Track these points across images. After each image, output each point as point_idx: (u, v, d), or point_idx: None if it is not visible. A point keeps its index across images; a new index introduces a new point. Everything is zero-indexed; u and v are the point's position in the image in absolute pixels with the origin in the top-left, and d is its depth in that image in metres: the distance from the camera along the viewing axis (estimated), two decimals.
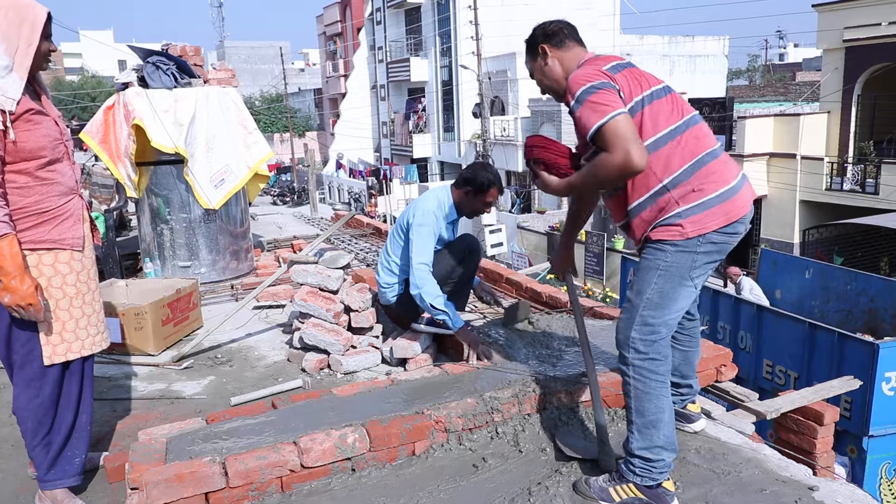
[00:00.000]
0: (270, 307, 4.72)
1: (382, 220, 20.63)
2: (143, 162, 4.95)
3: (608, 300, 14.88)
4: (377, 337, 3.75)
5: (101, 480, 2.57)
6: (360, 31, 38.60)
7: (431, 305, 3.17)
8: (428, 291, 3.17)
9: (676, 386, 2.55)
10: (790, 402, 3.13)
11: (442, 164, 32.45)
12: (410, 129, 33.23)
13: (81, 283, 2.33)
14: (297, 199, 29.73)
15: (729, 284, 10.23)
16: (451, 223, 3.49)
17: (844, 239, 16.76)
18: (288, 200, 29.02)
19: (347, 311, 3.67)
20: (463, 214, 3.52)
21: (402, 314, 3.61)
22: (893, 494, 5.89)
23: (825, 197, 17.35)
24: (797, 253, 16.49)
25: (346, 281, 3.77)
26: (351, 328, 3.68)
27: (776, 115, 19.35)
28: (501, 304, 3.76)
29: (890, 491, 5.87)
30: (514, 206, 23.74)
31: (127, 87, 4.91)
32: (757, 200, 18.38)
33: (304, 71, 58.96)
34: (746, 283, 9.21)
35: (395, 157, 34.18)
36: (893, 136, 17.70)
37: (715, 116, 18.29)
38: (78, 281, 2.32)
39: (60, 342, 2.27)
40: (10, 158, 2.11)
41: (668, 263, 2.11)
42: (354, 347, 3.62)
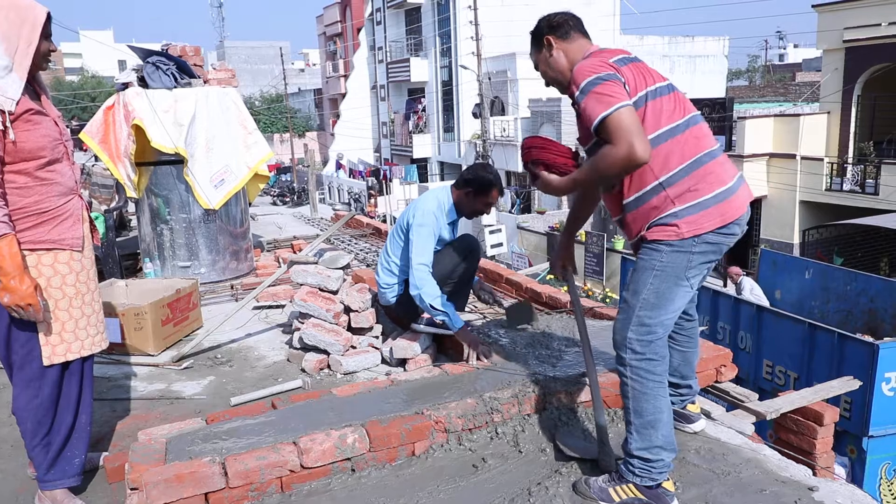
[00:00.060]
0: (270, 307, 4.72)
1: (382, 220, 20.62)
2: (142, 162, 4.95)
3: (608, 300, 14.88)
4: (377, 337, 3.75)
5: (100, 481, 2.57)
6: (360, 31, 38.60)
7: (431, 306, 3.17)
8: (427, 292, 3.17)
9: (676, 386, 2.55)
10: (790, 402, 3.13)
11: (442, 164, 32.45)
12: (410, 129, 33.24)
13: (81, 283, 2.33)
14: (296, 199, 29.72)
15: (729, 284, 10.23)
16: (451, 224, 3.49)
17: (844, 239, 16.77)
18: (288, 201, 29.01)
19: (347, 311, 3.67)
20: (463, 215, 3.52)
21: (401, 314, 3.61)
22: (893, 495, 5.89)
23: (825, 197, 17.35)
24: (797, 253, 16.49)
25: (345, 281, 3.77)
26: (351, 328, 3.68)
27: (776, 115, 19.35)
28: (501, 303, 3.76)
29: (890, 491, 5.87)
30: (513, 206, 23.74)
31: (127, 87, 4.91)
32: (757, 201, 18.40)
33: (304, 71, 58.96)
34: (747, 283, 9.21)
35: (394, 157, 34.18)
36: (893, 136, 17.71)
37: (715, 117, 18.29)
38: (77, 281, 2.32)
39: (60, 342, 2.27)
40: (9, 158, 2.11)
41: (663, 264, 2.11)
42: (354, 348, 3.62)
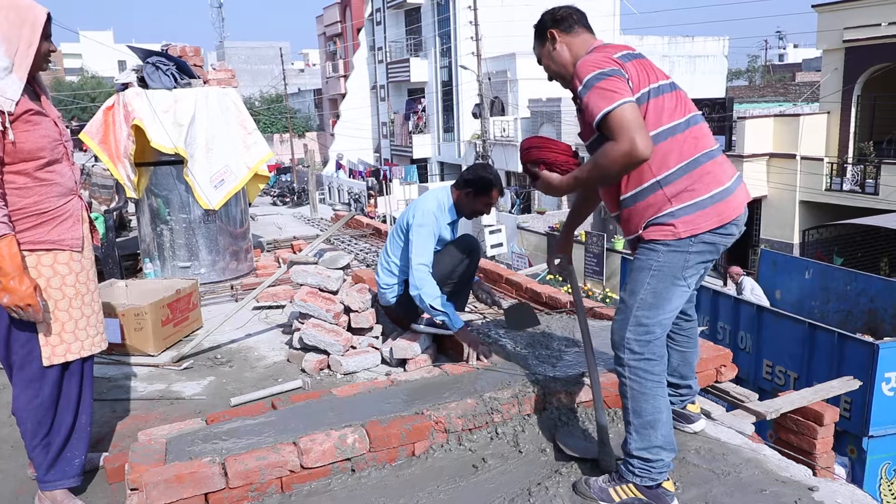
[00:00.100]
0: (270, 308, 4.71)
1: (382, 220, 20.63)
2: (142, 162, 4.95)
3: (608, 300, 14.88)
4: (377, 337, 3.74)
5: (100, 481, 2.57)
6: (359, 31, 38.61)
7: (431, 306, 3.17)
8: (427, 292, 3.17)
9: (676, 387, 2.55)
10: (790, 402, 3.14)
11: (442, 164, 32.46)
12: (410, 129, 33.24)
13: (81, 283, 2.33)
14: (296, 199, 29.73)
15: (729, 283, 10.23)
16: (450, 224, 3.49)
17: (844, 239, 16.77)
18: (288, 201, 29.02)
19: (347, 311, 3.67)
20: (463, 215, 3.52)
21: (401, 315, 3.60)
22: (893, 495, 5.89)
23: (825, 197, 17.35)
24: (797, 253, 16.49)
25: (345, 281, 3.77)
26: (351, 329, 3.68)
27: (776, 115, 19.35)
28: (500, 304, 3.75)
29: (890, 491, 5.87)
30: (513, 206, 23.74)
31: (127, 87, 4.91)
32: (757, 201, 18.40)
33: (303, 71, 58.97)
34: (748, 283, 9.21)
35: (394, 157, 34.19)
36: (893, 136, 17.71)
37: (715, 117, 18.28)
38: (77, 282, 2.31)
39: (59, 343, 2.27)
40: (9, 159, 2.11)
41: (660, 263, 2.11)
42: (354, 348, 3.62)
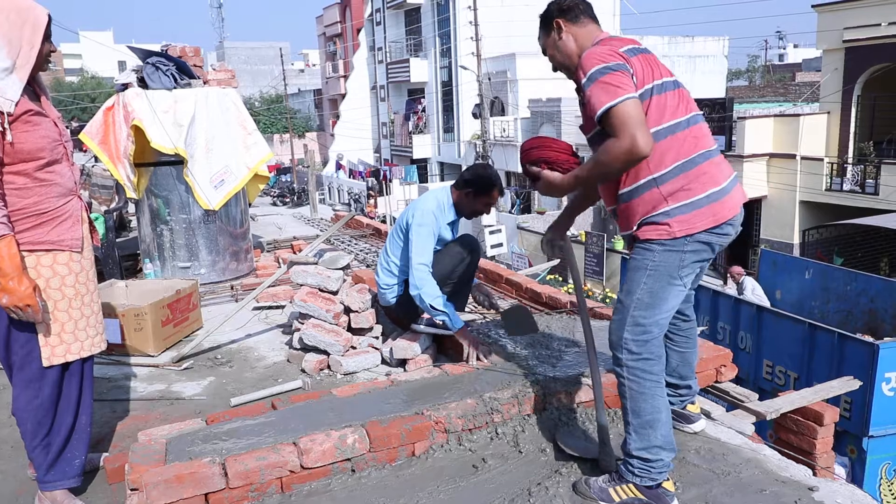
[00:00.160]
0: (270, 308, 4.71)
1: (381, 220, 20.63)
2: (142, 163, 4.95)
3: (608, 300, 14.88)
4: (377, 338, 3.74)
5: (100, 481, 2.57)
6: (359, 31, 38.62)
7: (431, 306, 3.17)
8: (427, 292, 3.17)
9: (675, 387, 2.55)
10: (790, 402, 3.13)
11: (442, 164, 32.46)
12: (410, 129, 33.25)
13: (80, 284, 2.33)
14: (296, 199, 29.74)
15: (729, 282, 10.24)
16: (450, 224, 3.49)
17: (844, 239, 16.77)
18: (288, 201, 29.03)
19: (347, 311, 3.67)
20: (463, 215, 3.52)
21: (401, 315, 3.60)
22: (893, 495, 5.89)
23: (825, 197, 17.35)
24: (797, 253, 16.49)
25: (345, 282, 3.77)
26: (351, 329, 3.68)
27: (776, 115, 19.34)
28: (498, 307, 3.73)
29: (890, 491, 5.87)
30: (513, 206, 23.75)
31: (126, 87, 4.91)
32: (757, 201, 18.40)
33: (303, 72, 58.99)
34: (749, 283, 9.21)
35: (394, 157, 34.19)
36: (893, 136, 17.71)
37: (715, 117, 18.28)
38: (77, 282, 2.31)
39: (59, 343, 2.27)
40: (8, 160, 2.11)
41: (656, 263, 2.11)
42: (354, 348, 3.62)
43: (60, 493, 2.36)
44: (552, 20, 2.26)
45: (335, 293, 3.66)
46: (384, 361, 3.59)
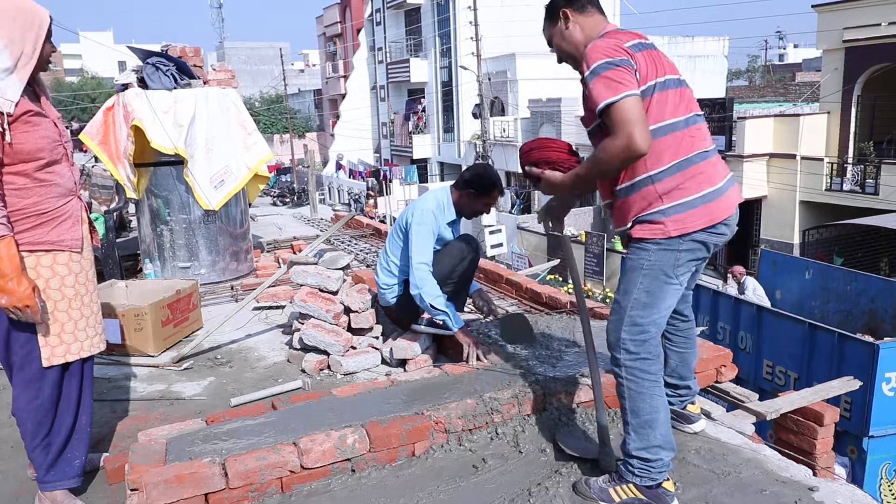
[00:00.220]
0: (270, 308, 4.71)
1: (381, 220, 20.62)
2: (142, 163, 4.95)
3: (608, 301, 14.88)
4: (377, 338, 3.74)
5: (100, 482, 2.57)
6: (359, 31, 38.62)
7: (431, 305, 3.17)
8: (428, 291, 3.17)
9: (675, 388, 2.55)
10: (790, 402, 3.13)
11: (442, 164, 32.46)
12: (410, 129, 33.25)
13: (80, 284, 2.33)
14: (296, 199, 29.75)
15: (729, 282, 10.24)
16: (450, 224, 3.49)
17: (844, 239, 16.77)
18: (288, 201, 29.03)
19: (347, 311, 3.67)
20: (463, 215, 3.51)
21: (401, 315, 3.60)
22: (894, 495, 5.89)
23: (825, 197, 17.35)
24: (797, 253, 16.49)
25: (345, 282, 3.77)
26: (351, 329, 3.68)
27: (776, 115, 19.35)
28: (497, 314, 3.70)
29: (890, 491, 5.87)
30: (513, 206, 23.75)
31: (126, 88, 4.91)
32: (757, 201, 18.41)
33: (303, 72, 59.00)
34: (750, 283, 9.21)
35: (394, 157, 34.20)
36: (893, 136, 17.71)
37: (715, 117, 18.29)
38: (76, 282, 2.31)
39: (59, 343, 2.27)
40: (8, 160, 2.11)
41: (651, 262, 2.11)
42: (354, 348, 3.62)
43: (60, 493, 2.36)
44: (559, 9, 2.24)
45: (335, 293, 3.66)
46: (384, 361, 3.59)
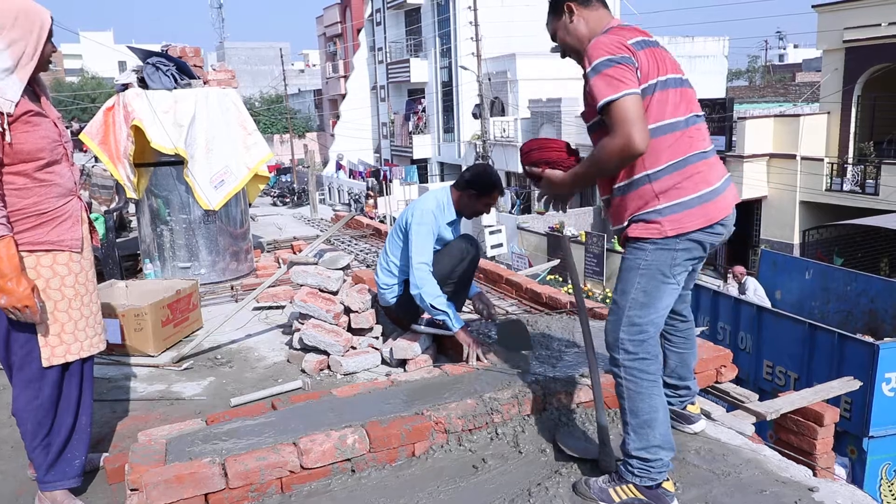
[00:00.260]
0: (270, 308, 4.71)
1: (381, 220, 20.62)
2: (142, 163, 4.95)
3: (608, 301, 14.88)
4: (377, 338, 3.74)
5: (100, 482, 2.57)
6: (359, 32, 38.63)
7: (431, 305, 3.17)
8: (428, 291, 3.17)
9: (674, 388, 2.55)
10: (790, 402, 3.13)
11: (442, 164, 32.46)
12: (410, 129, 33.25)
13: (80, 284, 2.33)
14: (296, 200, 29.75)
15: (730, 281, 10.23)
16: (450, 224, 3.48)
17: (844, 240, 16.77)
18: (288, 201, 29.04)
19: (347, 312, 3.67)
20: (463, 215, 3.51)
21: (401, 315, 3.60)
22: (894, 495, 5.89)
23: (825, 198, 17.35)
24: (797, 254, 16.49)
25: (345, 282, 3.77)
26: (351, 329, 3.68)
27: (776, 115, 19.35)
28: (496, 318, 3.69)
29: (890, 492, 5.87)
30: (513, 207, 23.76)
31: (127, 88, 4.91)
32: (757, 201, 18.41)
33: (303, 72, 59.00)
34: (751, 283, 9.20)
35: (394, 157, 34.20)
36: (893, 136, 17.71)
37: (715, 117, 18.29)
38: (76, 282, 2.31)
39: (59, 343, 2.27)
40: (8, 160, 2.11)
41: (648, 262, 2.11)
42: (354, 348, 3.62)
43: (60, 493, 2.36)
44: (563, 3, 2.23)
45: (335, 293, 3.66)
46: (384, 362, 3.59)
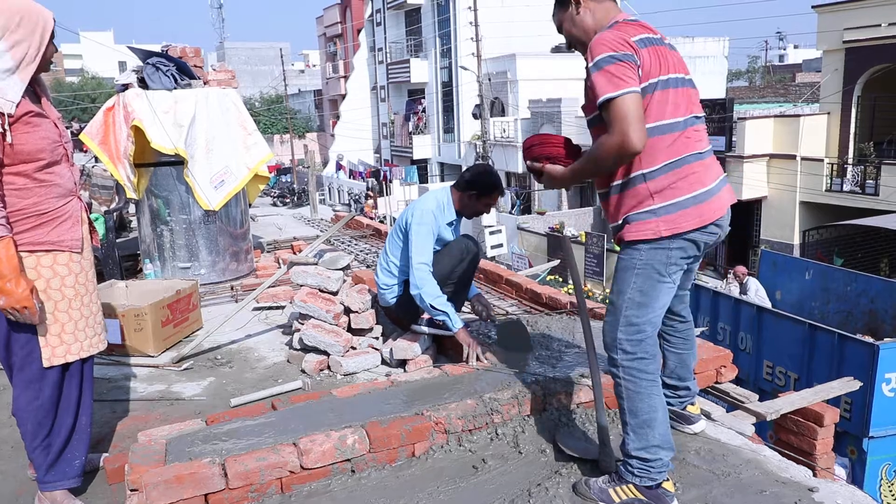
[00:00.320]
0: (270, 308, 4.71)
1: (381, 220, 20.62)
2: (142, 163, 4.95)
3: (608, 301, 14.86)
4: (377, 338, 3.74)
5: (100, 482, 2.57)
6: (360, 32, 38.63)
7: (431, 306, 3.17)
8: (428, 292, 3.17)
9: (674, 388, 2.55)
10: (790, 403, 3.13)
11: (442, 165, 32.46)
12: (410, 130, 33.25)
13: (80, 284, 2.33)
14: (297, 200, 29.75)
15: (730, 280, 10.22)
16: (450, 224, 3.48)
17: (844, 240, 16.77)
18: (288, 202, 29.04)
19: (347, 312, 3.67)
20: (463, 215, 3.51)
21: (401, 315, 3.60)
22: (894, 496, 5.89)
23: (825, 198, 17.35)
24: (797, 254, 16.49)
25: (345, 282, 3.77)
26: (351, 329, 3.68)
27: (776, 116, 19.35)
28: (495, 319, 3.69)
29: (890, 492, 5.87)
30: (514, 207, 23.76)
31: (127, 88, 4.91)
32: (757, 201, 18.41)
33: (303, 72, 59.00)
34: (753, 283, 9.19)
35: (395, 158, 34.20)
36: (893, 137, 17.70)
37: (715, 117, 18.28)
38: (77, 283, 2.32)
39: (59, 344, 2.27)
40: (8, 160, 2.11)
41: (643, 262, 2.12)
42: (354, 349, 3.62)
43: (60, 493, 2.36)
44: None
45: (335, 294, 3.66)
46: (384, 362, 3.59)
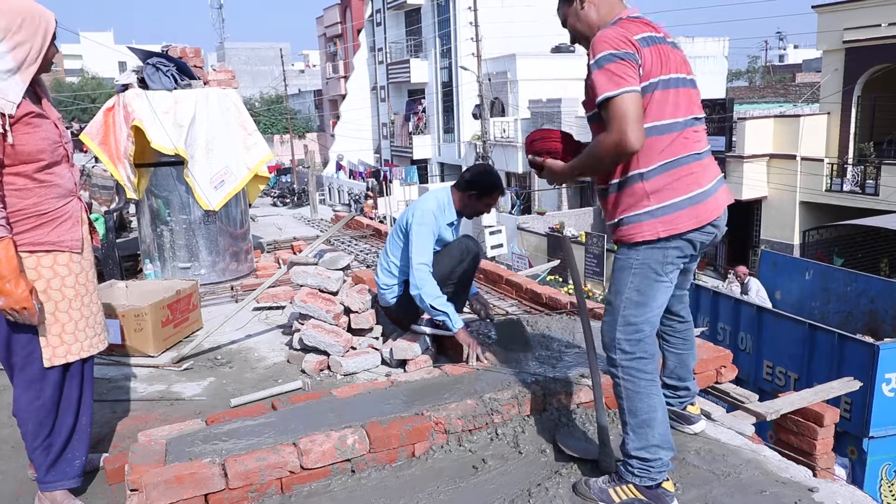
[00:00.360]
0: (270, 308, 4.72)
1: (381, 220, 20.61)
2: (142, 163, 4.95)
3: (606, 301, 14.85)
4: (377, 338, 3.75)
5: (100, 482, 2.57)
6: (360, 32, 38.64)
7: (431, 306, 3.17)
8: (428, 292, 3.17)
9: (674, 388, 2.55)
10: (790, 403, 3.13)
11: (442, 165, 32.46)
12: (410, 130, 33.26)
13: (80, 284, 2.33)
14: (297, 200, 29.75)
15: (731, 281, 10.22)
16: (450, 224, 3.49)
17: (844, 240, 16.77)
18: (288, 202, 29.03)
19: (347, 312, 3.67)
20: (463, 215, 3.52)
21: (401, 315, 3.60)
22: (894, 496, 5.89)
23: (825, 198, 17.35)
24: (797, 254, 16.49)
25: (345, 282, 3.77)
26: (351, 329, 3.68)
27: (776, 116, 19.35)
28: (493, 318, 3.69)
29: (890, 492, 5.87)
30: (514, 207, 23.76)
31: (127, 88, 4.91)
32: (757, 201, 18.41)
33: (304, 72, 59.01)
34: (754, 284, 9.19)
35: (395, 158, 34.21)
36: (893, 137, 17.70)
37: (715, 118, 18.27)
38: (77, 283, 2.32)
39: (60, 344, 2.27)
40: (8, 161, 2.11)
41: (640, 261, 2.12)
42: (354, 349, 3.62)
43: (60, 493, 2.36)
44: None
45: (335, 294, 3.66)
46: (384, 362, 3.59)
